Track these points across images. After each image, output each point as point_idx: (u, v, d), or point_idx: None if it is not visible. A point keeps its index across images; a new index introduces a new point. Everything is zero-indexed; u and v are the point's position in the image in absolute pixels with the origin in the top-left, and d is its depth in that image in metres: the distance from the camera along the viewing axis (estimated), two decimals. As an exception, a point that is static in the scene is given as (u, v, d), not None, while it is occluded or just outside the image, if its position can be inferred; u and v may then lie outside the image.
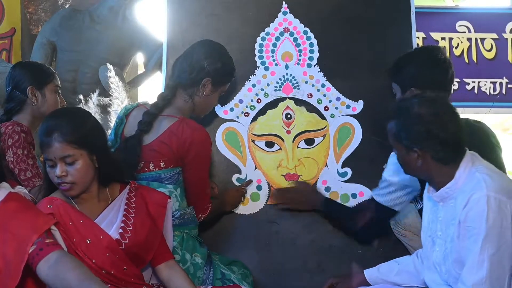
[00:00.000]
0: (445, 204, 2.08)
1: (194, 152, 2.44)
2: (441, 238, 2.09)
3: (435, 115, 2.03)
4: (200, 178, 2.52)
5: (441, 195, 2.08)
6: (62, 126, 2.05)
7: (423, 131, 2.02)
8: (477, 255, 1.92)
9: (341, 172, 2.85)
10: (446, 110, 2.06)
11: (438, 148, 2.02)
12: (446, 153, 2.03)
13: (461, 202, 1.99)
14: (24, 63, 3.08)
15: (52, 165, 2.07)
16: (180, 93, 2.55)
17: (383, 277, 2.33)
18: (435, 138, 2.01)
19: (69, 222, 2.05)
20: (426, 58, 2.53)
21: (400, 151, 2.11)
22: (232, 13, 2.92)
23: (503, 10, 4.03)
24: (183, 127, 2.43)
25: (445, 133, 2.01)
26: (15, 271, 1.78)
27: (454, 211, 2.02)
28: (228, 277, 2.47)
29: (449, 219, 2.05)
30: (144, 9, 4.00)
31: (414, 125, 2.03)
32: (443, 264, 2.08)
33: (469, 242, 1.96)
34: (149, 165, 2.43)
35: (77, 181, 2.07)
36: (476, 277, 1.92)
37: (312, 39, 2.90)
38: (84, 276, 1.78)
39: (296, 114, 2.87)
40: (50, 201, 2.08)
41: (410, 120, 2.05)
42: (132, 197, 2.20)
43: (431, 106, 2.05)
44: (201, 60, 2.53)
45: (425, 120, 2.02)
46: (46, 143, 2.05)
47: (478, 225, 1.93)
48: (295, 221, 2.82)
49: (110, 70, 3.40)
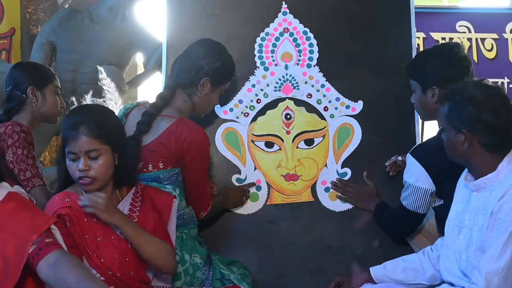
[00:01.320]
0: (479, 194, 2.07)
1: (193, 152, 2.44)
2: (468, 227, 2.08)
3: (488, 100, 2.03)
4: (200, 178, 2.52)
5: (479, 184, 2.07)
6: (90, 120, 2.08)
7: (474, 113, 2.02)
8: (500, 246, 1.93)
9: (340, 172, 2.84)
10: (500, 98, 2.06)
11: (487, 133, 2.01)
12: (493, 140, 2.02)
13: (497, 194, 1.98)
14: (24, 63, 3.09)
15: (74, 158, 2.08)
16: (179, 93, 2.54)
17: (388, 275, 2.32)
18: (485, 122, 2.01)
19: (84, 218, 2.08)
20: (447, 56, 2.51)
21: (449, 132, 2.10)
22: (231, 13, 2.92)
23: (503, 10, 4.03)
24: (181, 127, 2.42)
25: (496, 119, 2.01)
26: (15, 271, 1.78)
27: (487, 201, 2.02)
28: (227, 277, 2.46)
29: (480, 209, 2.04)
30: (143, 9, 4.00)
31: (466, 106, 2.03)
32: (465, 251, 2.07)
33: (496, 234, 1.96)
34: (148, 166, 2.43)
35: (99, 176, 2.09)
36: (493, 267, 1.93)
37: (312, 40, 2.90)
38: (84, 276, 1.78)
39: (296, 114, 2.86)
40: (68, 195, 2.10)
41: (462, 101, 2.05)
42: (137, 197, 2.22)
43: (485, 91, 2.05)
44: (199, 60, 2.52)
45: (478, 102, 2.02)
46: (72, 136, 2.07)
47: (510, 218, 1.93)
48: (294, 221, 2.82)
49: (101, 72, 3.40)
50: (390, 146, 2.86)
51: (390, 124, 2.86)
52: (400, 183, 2.84)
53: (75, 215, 2.06)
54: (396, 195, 2.65)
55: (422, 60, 2.57)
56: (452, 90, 2.12)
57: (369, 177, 2.80)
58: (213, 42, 2.61)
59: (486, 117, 2.01)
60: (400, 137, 2.83)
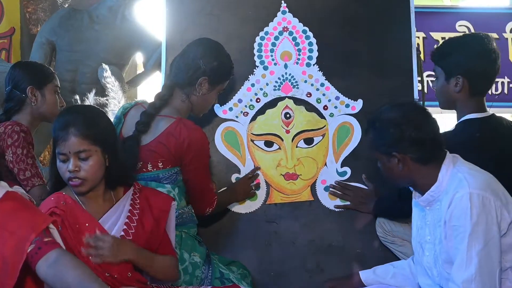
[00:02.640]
0: (432, 208, 2.10)
1: (193, 152, 2.44)
2: (430, 242, 2.10)
3: (405, 116, 2.07)
4: (202, 176, 2.53)
5: (427, 199, 2.10)
6: (79, 121, 2.06)
7: (397, 133, 2.05)
8: (465, 253, 1.93)
9: (340, 171, 2.84)
10: (416, 112, 2.10)
11: (415, 148, 2.04)
12: (424, 153, 2.05)
13: (445, 203, 2.00)
14: (24, 63, 3.08)
15: (64, 159, 2.06)
16: (177, 92, 2.54)
17: (378, 279, 2.34)
18: (410, 138, 2.04)
19: (76, 224, 2.06)
20: (476, 47, 2.47)
21: (381, 159, 2.13)
22: (231, 12, 2.92)
23: (503, 10, 4.04)
24: (180, 128, 2.42)
25: (418, 133, 2.04)
26: (13, 270, 1.78)
27: (440, 213, 2.04)
28: (227, 276, 2.46)
29: (436, 221, 2.06)
30: (143, 9, 4.00)
31: (387, 129, 2.07)
32: (434, 267, 2.09)
33: (456, 241, 1.97)
34: (147, 166, 2.43)
35: (88, 177, 2.07)
36: (466, 274, 1.93)
37: (311, 39, 2.89)
38: (83, 277, 1.78)
39: (295, 113, 2.86)
40: (63, 198, 2.09)
41: (382, 126, 2.09)
42: (136, 199, 2.21)
43: (399, 110, 2.10)
44: (197, 59, 2.51)
45: (397, 122, 2.06)
46: (62, 137, 2.05)
47: (463, 222, 1.94)
48: (294, 220, 2.82)
49: (106, 70, 3.39)
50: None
51: (389, 123, 2.85)
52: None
53: (67, 219, 2.04)
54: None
55: (451, 47, 2.52)
56: (369, 120, 2.17)
57: (368, 180, 2.80)
58: (211, 42, 2.61)
59: (409, 133, 2.03)
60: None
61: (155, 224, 2.19)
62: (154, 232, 2.18)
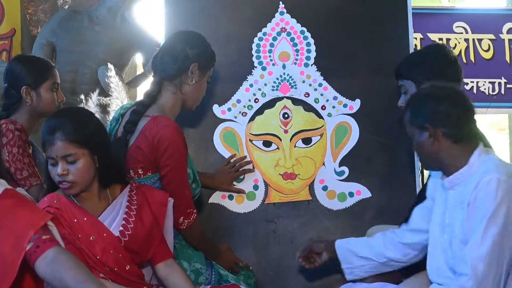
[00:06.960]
0: (454, 191, 2.09)
1: (166, 152, 2.32)
2: (449, 225, 2.09)
3: (444, 92, 2.08)
4: (176, 178, 2.36)
5: (453, 180, 2.08)
6: (65, 125, 2.06)
7: (433, 105, 2.05)
8: (481, 233, 1.93)
9: (338, 171, 2.86)
10: (456, 90, 2.11)
11: (448, 123, 2.04)
12: (456, 130, 2.04)
13: (471, 186, 2.00)
14: (21, 58, 2.90)
15: (54, 163, 2.08)
16: (166, 86, 2.47)
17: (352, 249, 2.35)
18: (444, 112, 2.03)
19: (73, 219, 2.07)
20: (439, 57, 2.51)
21: (415, 135, 2.12)
22: (229, 13, 2.93)
23: (500, 11, 4.03)
24: (151, 126, 2.32)
25: (455, 109, 2.04)
26: (12, 268, 1.77)
27: (463, 195, 2.03)
28: (225, 278, 2.45)
29: (458, 204, 2.06)
30: (142, 10, 4.02)
31: (425, 102, 2.07)
32: (450, 248, 2.08)
33: (475, 222, 1.97)
34: (130, 172, 2.36)
35: (77, 180, 2.08)
36: (477, 253, 1.93)
37: (309, 39, 2.91)
38: (82, 277, 1.77)
39: (294, 113, 2.88)
40: (57, 197, 2.10)
41: (420, 99, 2.10)
42: (133, 196, 2.21)
43: (441, 87, 2.10)
44: (183, 48, 2.45)
45: (435, 96, 2.07)
46: (49, 142, 2.07)
47: (487, 205, 1.94)
48: (292, 220, 2.83)
49: (111, 70, 3.39)
50: (387, 145, 2.87)
51: (387, 122, 2.87)
52: (397, 183, 2.85)
53: (63, 216, 2.05)
54: (394, 194, 2.66)
55: (415, 60, 2.55)
56: (410, 97, 2.19)
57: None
58: (189, 31, 2.56)
59: (445, 107, 2.04)
60: (397, 136, 2.84)
61: (154, 220, 2.20)
62: (154, 228, 2.19)
